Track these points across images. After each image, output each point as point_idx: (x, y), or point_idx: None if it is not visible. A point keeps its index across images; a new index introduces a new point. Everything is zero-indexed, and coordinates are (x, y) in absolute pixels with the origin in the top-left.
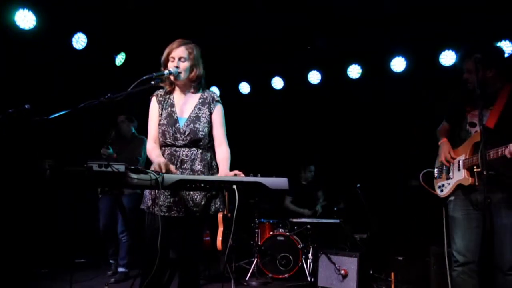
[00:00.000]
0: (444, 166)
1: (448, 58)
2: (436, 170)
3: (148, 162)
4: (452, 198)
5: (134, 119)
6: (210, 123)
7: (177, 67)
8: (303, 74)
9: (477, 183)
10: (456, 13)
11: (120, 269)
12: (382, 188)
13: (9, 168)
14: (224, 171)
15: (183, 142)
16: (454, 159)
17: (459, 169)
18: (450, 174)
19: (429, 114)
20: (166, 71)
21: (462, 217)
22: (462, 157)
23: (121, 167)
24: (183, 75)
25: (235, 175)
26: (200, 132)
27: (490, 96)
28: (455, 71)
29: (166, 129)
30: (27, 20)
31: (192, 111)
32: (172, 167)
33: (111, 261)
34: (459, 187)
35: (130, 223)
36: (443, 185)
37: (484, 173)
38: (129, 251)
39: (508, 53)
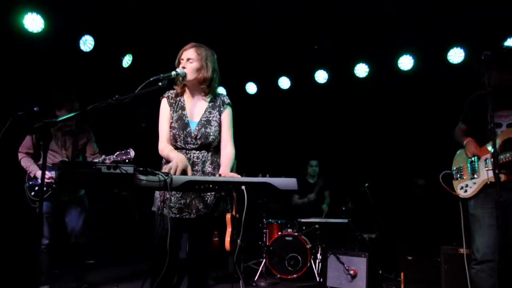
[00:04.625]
0: (467, 166)
1: (456, 56)
2: (455, 171)
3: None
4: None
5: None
6: (220, 126)
7: (184, 68)
8: (310, 73)
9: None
10: (463, 10)
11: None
12: (390, 187)
13: (18, 169)
14: (224, 172)
15: (194, 146)
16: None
17: (486, 167)
18: (475, 174)
19: (436, 112)
20: (173, 72)
21: (482, 215)
22: (489, 155)
23: (129, 169)
24: (189, 76)
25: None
26: (211, 136)
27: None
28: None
29: (177, 132)
30: (35, 23)
31: (203, 115)
32: (189, 170)
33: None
34: (486, 185)
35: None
36: (466, 185)
37: (496, 171)
38: None
39: None
